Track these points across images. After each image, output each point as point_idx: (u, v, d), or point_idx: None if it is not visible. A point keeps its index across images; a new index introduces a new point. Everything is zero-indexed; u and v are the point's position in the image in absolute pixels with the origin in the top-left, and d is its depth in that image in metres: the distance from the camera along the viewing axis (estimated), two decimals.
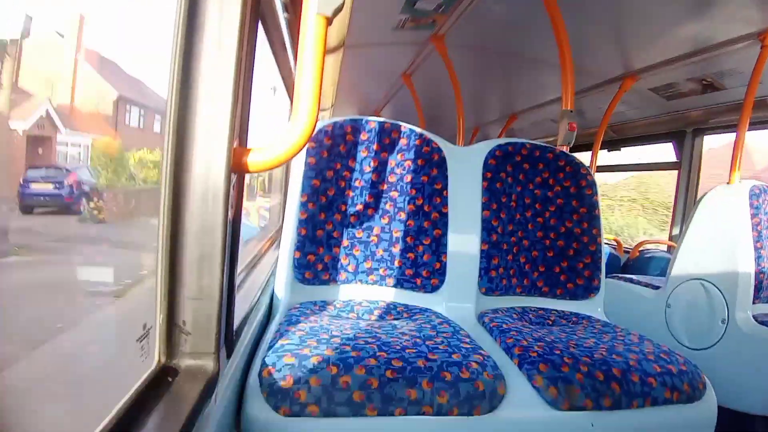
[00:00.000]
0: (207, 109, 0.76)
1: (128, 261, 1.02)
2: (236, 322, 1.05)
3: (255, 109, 1.04)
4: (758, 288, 2.15)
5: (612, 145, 4.40)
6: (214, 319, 0.80)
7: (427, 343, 1.18)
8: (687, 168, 3.68)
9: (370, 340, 1.15)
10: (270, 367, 0.99)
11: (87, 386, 0.77)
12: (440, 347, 1.16)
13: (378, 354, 1.07)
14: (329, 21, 0.85)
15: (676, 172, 3.78)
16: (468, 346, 1.19)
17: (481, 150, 1.79)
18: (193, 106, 0.76)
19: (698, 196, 3.53)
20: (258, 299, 1.41)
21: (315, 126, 0.88)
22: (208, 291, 0.79)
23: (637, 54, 2.97)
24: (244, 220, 1.04)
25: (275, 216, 2.96)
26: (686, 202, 3.69)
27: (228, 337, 0.92)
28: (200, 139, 0.77)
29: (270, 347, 1.08)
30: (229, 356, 0.95)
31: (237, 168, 0.83)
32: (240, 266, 1.61)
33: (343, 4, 0.84)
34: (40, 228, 0.81)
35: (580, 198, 1.82)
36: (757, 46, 2.35)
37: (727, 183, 2.47)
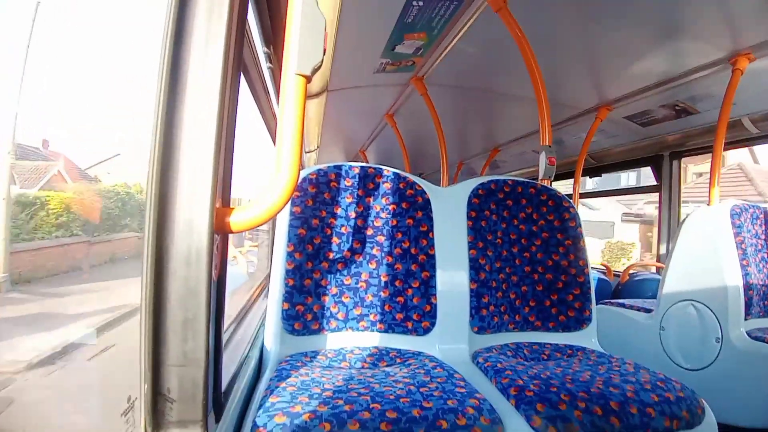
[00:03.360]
0: (189, 170, 0.76)
1: None
2: (225, 381, 1.02)
3: None
4: (749, 304, 2.18)
5: (593, 172, 4.51)
6: (200, 385, 0.77)
7: (422, 390, 1.16)
8: (668, 190, 3.77)
9: (363, 391, 1.13)
10: (261, 429, 0.96)
11: None
12: (435, 394, 1.14)
13: (371, 406, 1.04)
14: (308, 80, 0.87)
15: None
16: (463, 390, 1.17)
17: (464, 189, 1.81)
18: (174, 166, 0.76)
19: (681, 217, 3.62)
20: (248, 353, 1.38)
21: (297, 182, 0.88)
22: (194, 356, 0.77)
23: (610, 85, 3.09)
24: (230, 268, 1.02)
25: (263, 261, 2.93)
26: (670, 222, 3.76)
27: (216, 401, 0.90)
28: (182, 200, 0.76)
29: (260, 406, 1.05)
30: (218, 420, 0.92)
31: (220, 228, 0.83)
32: (227, 321, 1.58)
33: (321, 63, 0.86)
34: None
35: (564, 231, 1.85)
36: (728, 69, 2.45)
37: (707, 204, 2.52)
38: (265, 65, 1.90)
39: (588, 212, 13.63)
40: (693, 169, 13.15)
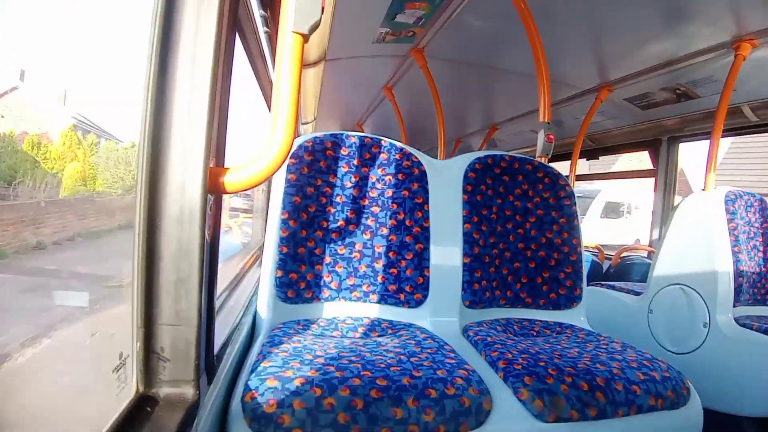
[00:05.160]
0: (182, 128, 0.75)
1: None
2: (217, 345, 1.03)
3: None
4: (738, 291, 2.19)
5: (590, 154, 4.49)
6: (193, 345, 0.77)
7: (412, 359, 1.17)
8: (663, 175, 3.77)
9: (354, 359, 1.14)
10: (253, 392, 0.97)
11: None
12: (425, 364, 1.15)
13: (362, 373, 1.06)
14: (306, 39, 0.85)
15: None
16: (453, 361, 1.19)
17: (461, 163, 1.80)
18: (167, 125, 0.75)
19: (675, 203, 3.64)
20: (240, 320, 1.39)
21: (292, 144, 0.87)
22: (186, 316, 0.77)
23: (611, 65, 3.04)
24: (225, 237, 1.02)
25: (258, 232, 2.92)
26: (664, 208, 3.77)
27: (209, 362, 0.90)
28: (175, 160, 0.75)
29: (252, 370, 1.06)
30: (210, 382, 0.92)
31: (213, 188, 0.82)
32: (221, 287, 1.58)
33: (319, 22, 0.84)
34: None
35: (559, 208, 1.85)
36: (731, 54, 2.42)
37: (703, 189, 2.53)
38: (262, 29, 1.85)
39: None
40: None
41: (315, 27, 0.84)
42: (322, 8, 0.83)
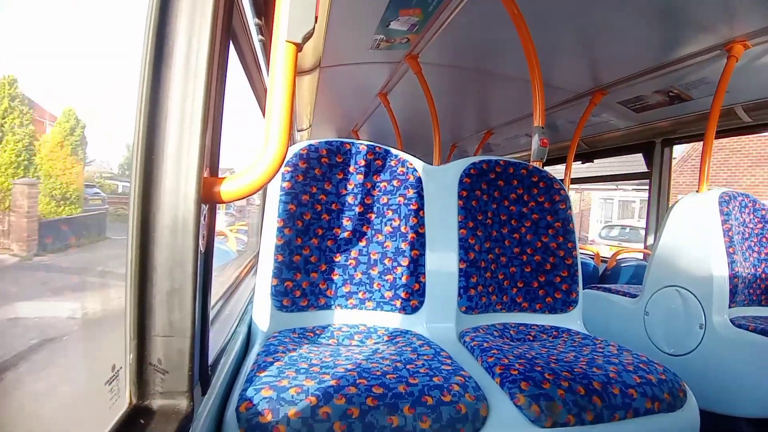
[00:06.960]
0: (175, 138, 0.75)
1: None
2: (212, 355, 1.02)
3: None
4: (733, 292, 2.20)
5: (585, 157, 4.51)
6: (187, 356, 0.77)
7: (408, 367, 1.17)
8: (657, 177, 3.79)
9: (350, 367, 1.14)
10: (248, 402, 0.96)
11: None
12: (421, 371, 1.14)
13: (358, 381, 1.05)
14: (299, 47, 0.85)
15: None
16: (449, 368, 1.18)
17: (455, 169, 1.80)
18: (161, 134, 0.74)
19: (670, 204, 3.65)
20: (235, 329, 1.38)
21: (286, 153, 0.87)
22: (180, 326, 0.76)
23: (605, 69, 3.07)
24: (219, 246, 1.01)
25: (253, 239, 2.91)
26: (659, 210, 3.79)
27: (203, 373, 0.89)
28: (169, 169, 0.75)
29: (248, 380, 1.05)
30: (204, 392, 0.92)
31: (207, 198, 0.82)
32: (215, 296, 1.57)
33: (313, 31, 0.84)
34: None
35: (554, 213, 1.85)
36: (723, 57, 2.44)
37: (696, 191, 2.54)
38: (256, 37, 1.85)
39: None
40: None
41: (309, 36, 0.84)
42: (316, 17, 0.83)
